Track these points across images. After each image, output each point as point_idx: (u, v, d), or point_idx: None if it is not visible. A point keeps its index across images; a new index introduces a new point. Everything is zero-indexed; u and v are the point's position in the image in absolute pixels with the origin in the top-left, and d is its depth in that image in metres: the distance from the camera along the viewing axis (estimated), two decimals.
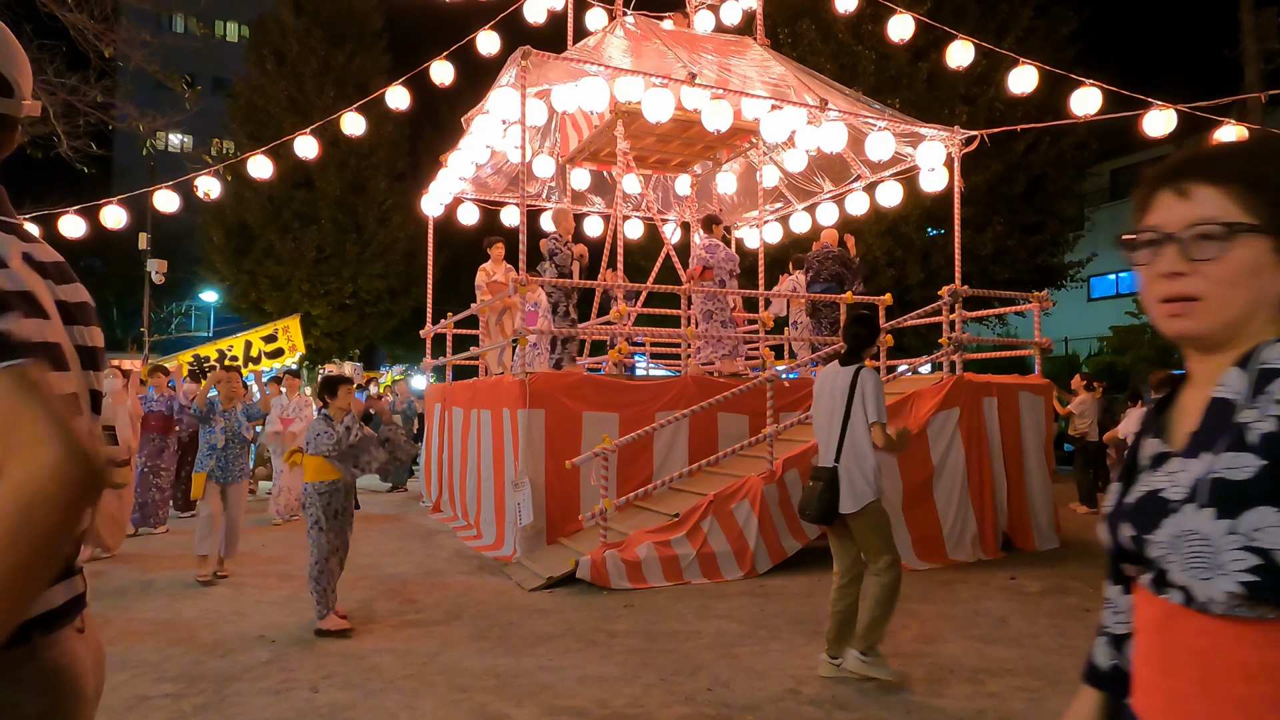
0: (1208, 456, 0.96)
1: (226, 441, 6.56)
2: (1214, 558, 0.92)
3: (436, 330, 11.33)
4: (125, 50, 10.26)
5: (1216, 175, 0.99)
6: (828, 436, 4.26)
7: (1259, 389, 0.95)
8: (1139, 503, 1.04)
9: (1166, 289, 1.02)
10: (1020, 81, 8.16)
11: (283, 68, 20.67)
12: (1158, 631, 1.02)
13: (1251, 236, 0.96)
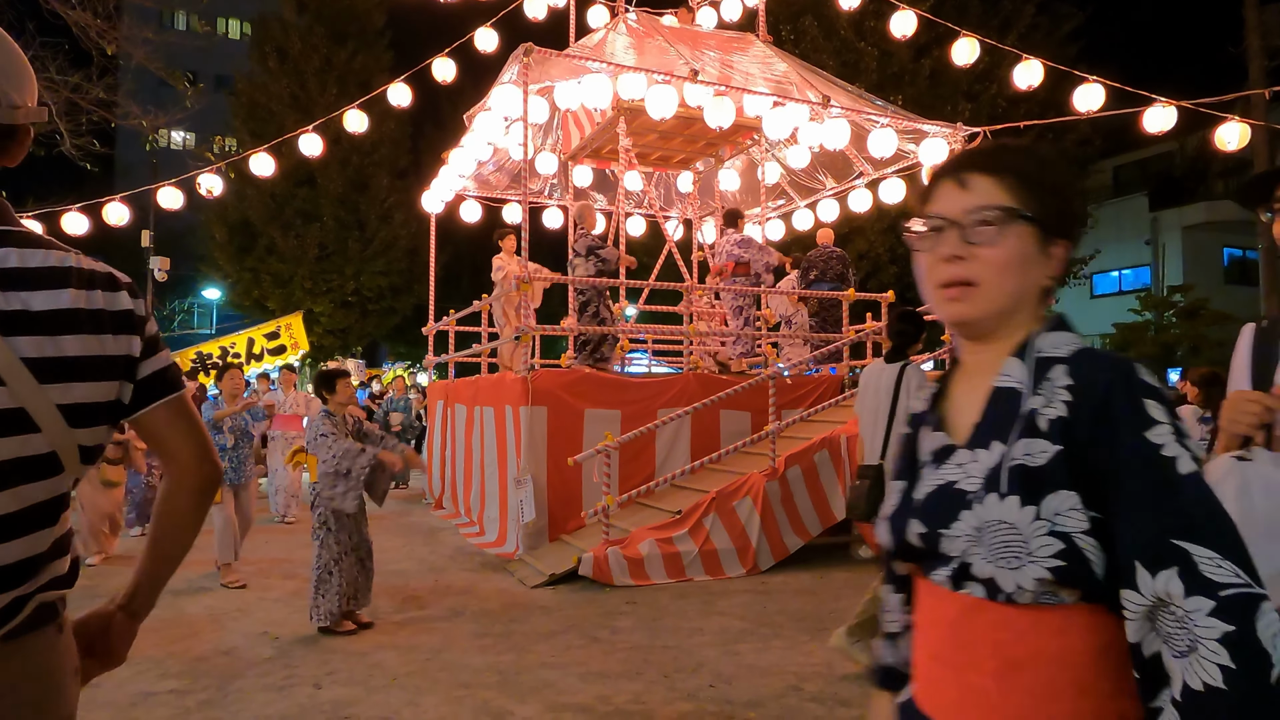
0: (999, 446, 0.98)
1: (236, 441, 6.45)
2: (1023, 545, 0.93)
3: (439, 327, 11.34)
4: (127, 48, 10.28)
5: (995, 168, 1.05)
6: (873, 434, 4.24)
7: (1040, 377, 1.00)
8: (930, 498, 1.03)
9: (946, 273, 1.05)
10: (1025, 76, 8.15)
11: (285, 65, 20.66)
12: (952, 627, 1.01)
13: (1023, 226, 1.02)
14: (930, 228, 1.07)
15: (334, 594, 4.95)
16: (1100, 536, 0.93)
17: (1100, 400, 0.94)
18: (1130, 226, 23.64)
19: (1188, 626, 0.85)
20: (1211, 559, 0.85)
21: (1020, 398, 1.00)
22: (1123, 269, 24.15)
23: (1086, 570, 0.92)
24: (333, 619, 4.93)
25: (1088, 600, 0.94)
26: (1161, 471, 0.90)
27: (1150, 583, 0.87)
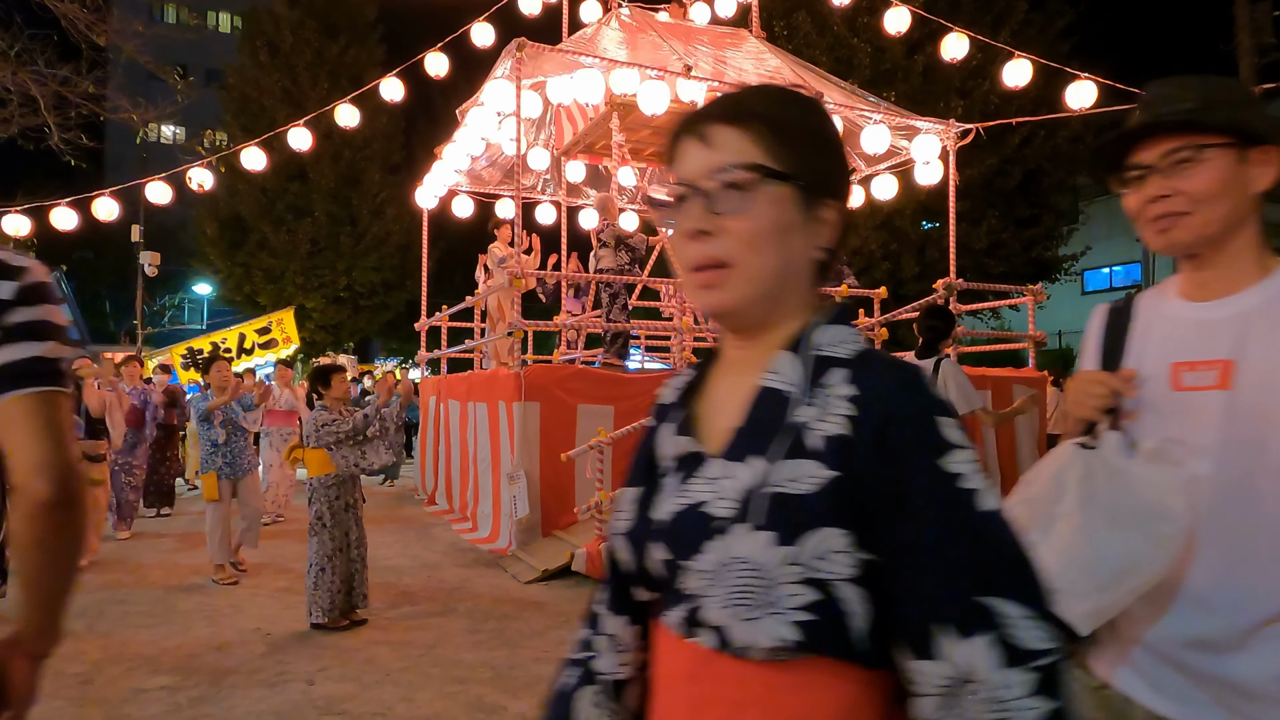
0: (759, 463, 0.79)
1: (229, 435, 6.32)
2: (765, 593, 0.75)
3: (431, 323, 11.31)
4: (117, 41, 10.20)
5: (739, 117, 0.85)
6: None
7: (815, 380, 0.81)
8: (677, 519, 0.83)
9: (694, 253, 0.85)
10: (1015, 75, 8.17)
11: (276, 59, 20.56)
12: (686, 683, 0.83)
13: (778, 186, 0.82)
14: (674, 197, 0.87)
15: (328, 590, 4.94)
16: (871, 585, 0.75)
17: (884, 417, 0.76)
18: (1121, 223, 23.71)
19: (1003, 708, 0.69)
20: (1025, 618, 0.71)
21: (789, 405, 0.81)
22: (1114, 265, 24.26)
23: (841, 629, 0.75)
24: (328, 615, 4.91)
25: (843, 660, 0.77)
26: (960, 509, 0.73)
27: (955, 652, 0.71)
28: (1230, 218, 1.20)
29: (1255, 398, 1.15)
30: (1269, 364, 1.16)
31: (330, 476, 5.03)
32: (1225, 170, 1.18)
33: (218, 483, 6.17)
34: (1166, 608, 1.21)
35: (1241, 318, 1.19)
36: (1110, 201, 24.08)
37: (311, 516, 5.05)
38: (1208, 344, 1.21)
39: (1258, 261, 1.22)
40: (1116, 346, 1.33)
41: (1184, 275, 1.30)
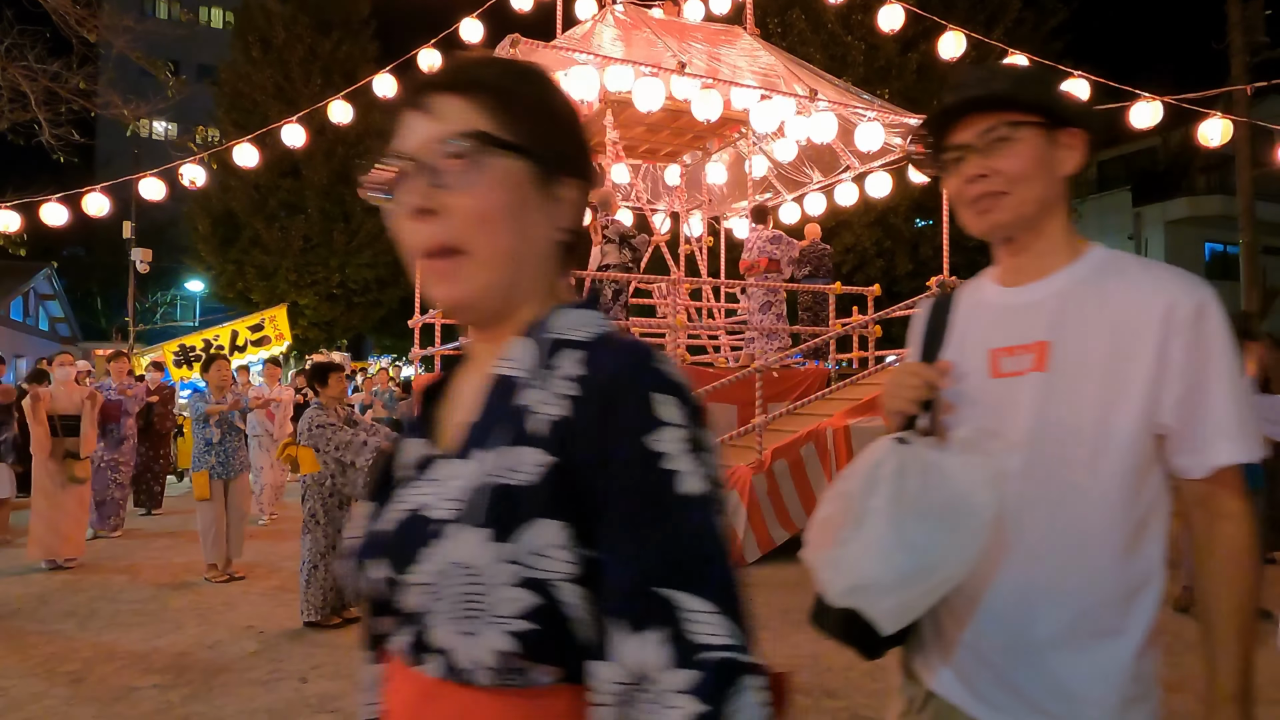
0: (482, 454, 0.71)
1: (223, 434, 6.25)
2: (483, 600, 0.67)
3: (425, 320, 11.28)
4: (108, 36, 10.14)
5: (464, 85, 0.79)
6: None
7: (547, 364, 0.74)
8: (399, 528, 0.74)
9: (424, 238, 0.77)
10: None
11: (268, 55, 20.46)
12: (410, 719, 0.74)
13: (509, 159, 0.76)
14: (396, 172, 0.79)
15: (320, 588, 4.92)
16: (594, 585, 0.68)
17: (605, 396, 0.69)
18: (1114, 221, 23.83)
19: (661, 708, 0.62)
20: (704, 612, 0.63)
21: (517, 390, 0.73)
22: None
23: (566, 636, 0.68)
24: (320, 613, 4.90)
25: (575, 680, 0.69)
26: (656, 490, 0.66)
27: (626, 650, 0.63)
28: (1044, 199, 1.20)
29: (1069, 382, 1.14)
30: (1082, 346, 1.15)
31: (323, 474, 5.01)
32: (1037, 149, 1.18)
33: (209, 481, 6.09)
34: (982, 607, 1.17)
35: (1056, 299, 1.19)
36: (1101, 200, 24.21)
37: (305, 514, 5.03)
38: (1024, 328, 1.20)
39: (1069, 244, 1.23)
40: (936, 338, 1.31)
41: (1000, 261, 1.29)
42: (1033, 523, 1.14)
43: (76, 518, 6.83)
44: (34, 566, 6.45)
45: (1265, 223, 18.33)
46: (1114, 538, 1.13)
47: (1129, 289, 1.16)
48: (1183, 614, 5.28)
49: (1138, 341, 1.12)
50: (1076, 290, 1.19)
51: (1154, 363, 1.11)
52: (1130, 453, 1.12)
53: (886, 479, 1.11)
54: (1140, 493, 1.14)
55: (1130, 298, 1.15)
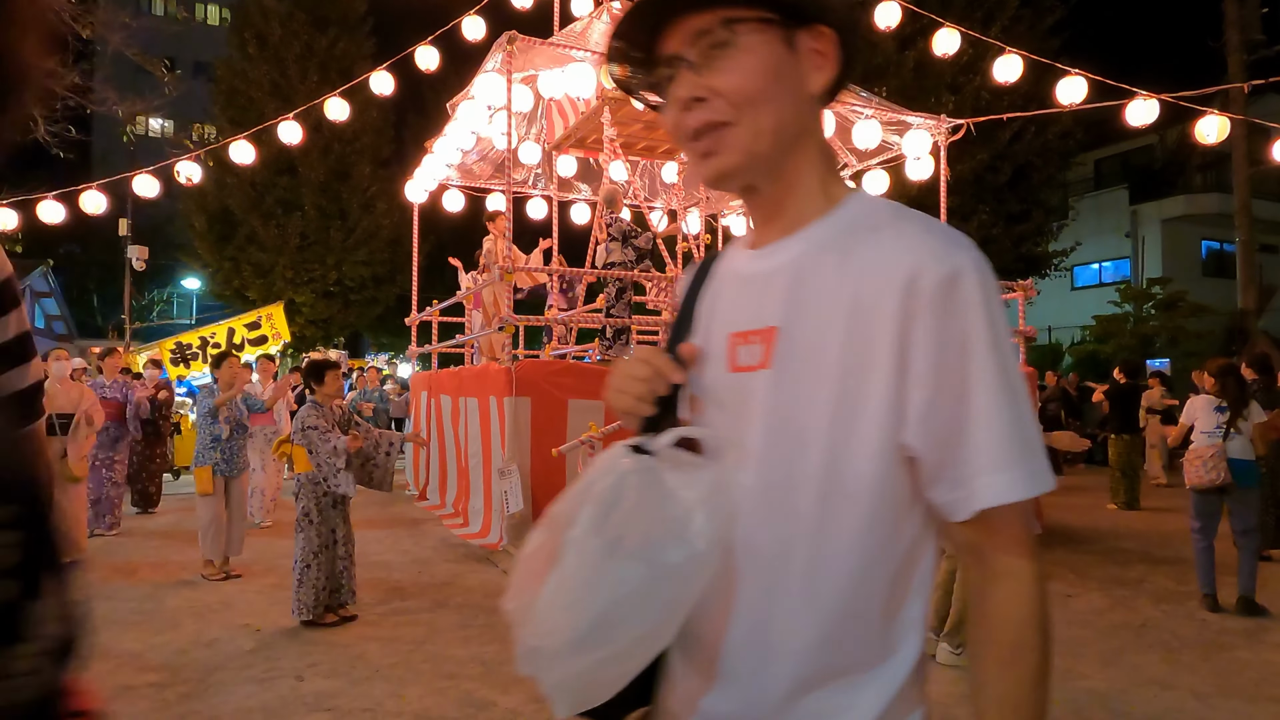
0: None
1: (231, 432, 6.22)
2: None
3: (422, 318, 11.28)
4: (104, 33, 10.12)
5: None
6: None
7: None
8: None
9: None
10: (1006, 70, 8.18)
11: (265, 52, 20.39)
12: None
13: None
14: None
15: (313, 587, 4.91)
16: None
17: None
18: (1111, 219, 23.85)
19: None
20: None
21: None
22: (1103, 261, 24.38)
23: None
24: (312, 611, 4.89)
25: None
26: None
27: None
28: (785, 130, 0.88)
29: (796, 383, 0.86)
30: (814, 333, 0.86)
31: (315, 473, 4.99)
32: (769, 59, 0.86)
33: (212, 478, 6.08)
34: (718, 663, 0.90)
35: (791, 269, 0.89)
36: (1100, 197, 24.23)
37: (298, 512, 5.01)
38: (757, 307, 0.91)
39: (822, 192, 0.92)
40: (686, 316, 1.02)
41: (750, 216, 0.99)
42: (766, 560, 0.87)
43: (75, 516, 6.78)
44: None
45: (1262, 220, 18.37)
46: (856, 588, 0.85)
47: (874, 252, 0.85)
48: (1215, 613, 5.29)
49: (873, 327, 0.83)
50: (814, 257, 0.88)
51: (891, 358, 0.82)
52: (874, 481, 0.84)
53: (595, 500, 0.84)
54: (896, 535, 0.86)
55: (873, 264, 0.84)
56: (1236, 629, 4.92)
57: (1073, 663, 4.29)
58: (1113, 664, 4.29)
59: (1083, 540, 7.77)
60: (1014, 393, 0.81)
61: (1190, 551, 5.61)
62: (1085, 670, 4.18)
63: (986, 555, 0.85)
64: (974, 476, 0.81)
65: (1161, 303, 18.93)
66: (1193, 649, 4.55)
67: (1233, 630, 4.90)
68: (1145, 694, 3.88)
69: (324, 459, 4.85)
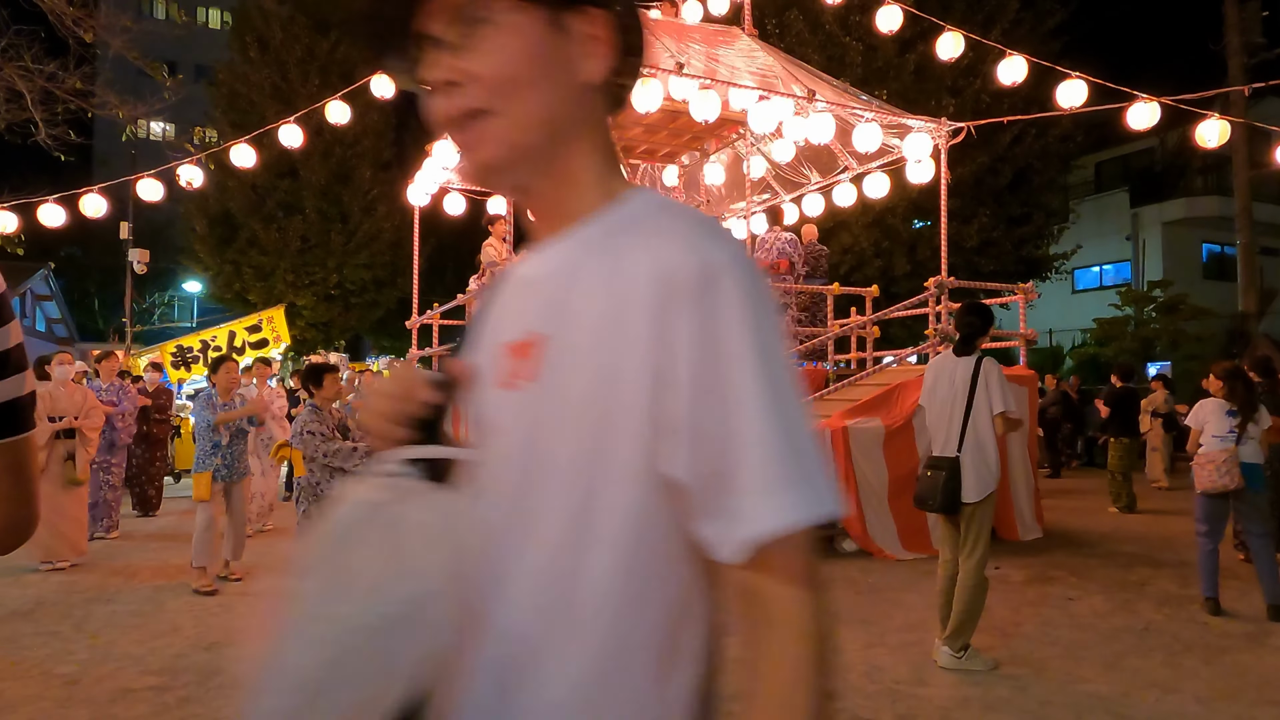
0: None
1: (231, 437, 6.06)
2: None
3: (423, 321, 11.28)
4: (105, 37, 10.12)
5: None
6: (947, 426, 4.29)
7: None
8: None
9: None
10: (1009, 72, 8.18)
11: (266, 55, 20.44)
12: None
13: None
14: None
15: None
16: None
17: None
18: (1111, 222, 23.86)
19: None
20: None
21: None
22: (1104, 264, 24.39)
23: None
24: None
25: None
26: None
27: None
28: (555, 121, 0.80)
29: (557, 394, 0.76)
30: (580, 339, 0.76)
31: (312, 478, 4.96)
32: (531, 40, 0.77)
33: (212, 483, 5.93)
34: None
35: (565, 270, 0.79)
36: (1101, 200, 24.24)
37: (300, 516, 5.00)
38: (529, 314, 0.81)
39: (601, 187, 0.83)
40: (476, 328, 0.91)
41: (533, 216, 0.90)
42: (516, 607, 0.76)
43: (76, 519, 6.79)
44: (29, 568, 6.42)
45: (1262, 223, 18.37)
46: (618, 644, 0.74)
47: (636, 250, 0.75)
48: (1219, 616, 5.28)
49: (630, 333, 0.73)
50: (584, 258, 0.78)
51: (647, 367, 0.72)
52: (632, 513, 0.73)
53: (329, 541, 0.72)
54: (662, 581, 0.75)
55: (633, 263, 0.74)
56: (1238, 633, 4.91)
57: (1074, 666, 4.28)
58: (1114, 668, 4.28)
59: (1083, 543, 7.75)
60: (785, 404, 0.70)
61: (1192, 555, 5.61)
62: (1087, 674, 4.17)
63: (758, 597, 0.71)
64: (741, 502, 0.69)
65: (1162, 306, 18.93)
66: (1195, 653, 4.54)
67: (1235, 634, 4.89)
68: (1147, 698, 3.87)
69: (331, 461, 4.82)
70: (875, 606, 5.45)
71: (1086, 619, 5.17)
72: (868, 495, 7.08)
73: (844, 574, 6.36)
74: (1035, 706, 3.75)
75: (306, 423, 4.89)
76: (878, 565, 6.69)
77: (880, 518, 7.09)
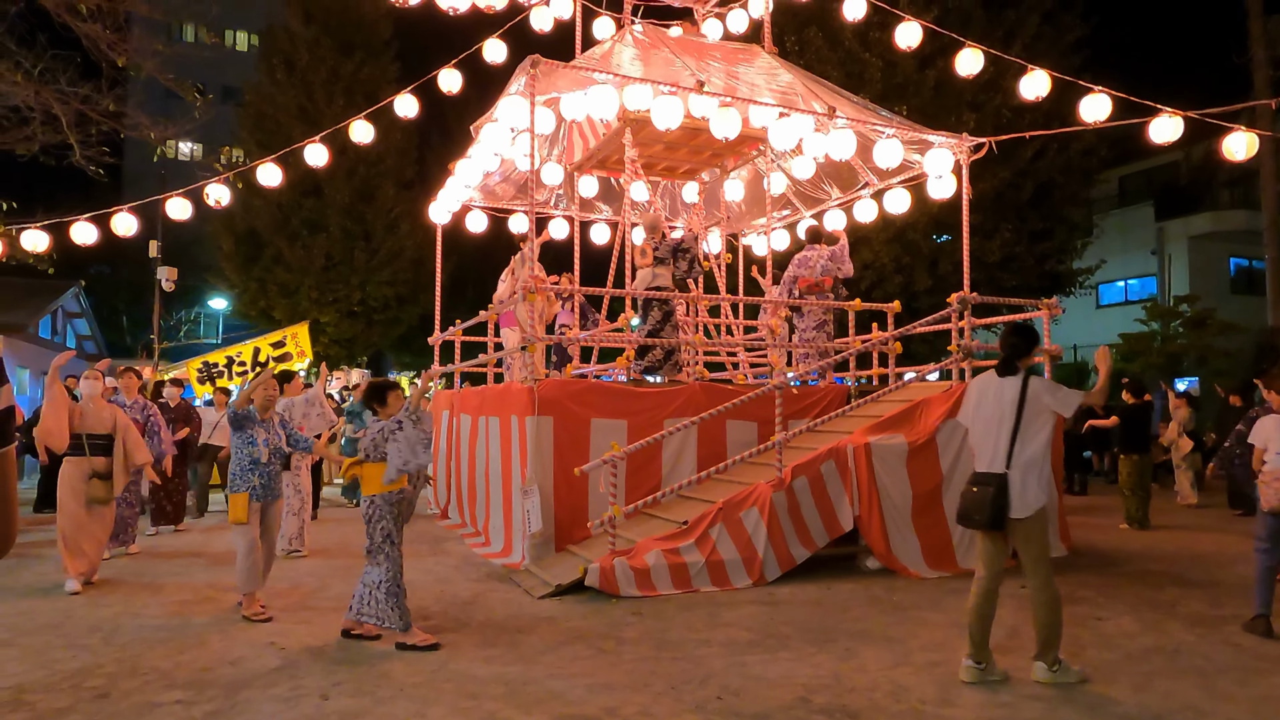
0: None
1: (269, 456, 5.70)
2: None
3: (445, 337, 11.35)
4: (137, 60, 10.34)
5: None
6: (994, 444, 4.31)
7: None
8: None
9: None
10: (1031, 87, 8.14)
11: (292, 76, 20.80)
12: None
13: None
14: None
15: (404, 598, 5.00)
16: None
17: None
18: (1136, 237, 23.60)
19: None
20: None
21: None
22: (1129, 279, 24.11)
23: None
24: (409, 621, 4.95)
25: None
26: None
27: None
28: None
29: None
30: None
31: (394, 494, 5.00)
32: None
33: (249, 504, 5.58)
34: None
35: None
36: (1125, 214, 24.00)
37: (378, 536, 4.97)
38: None
39: None
40: None
41: None
42: None
43: (97, 538, 6.71)
44: (58, 584, 6.48)
45: None
46: None
47: None
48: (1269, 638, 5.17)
49: None
50: None
51: None
52: None
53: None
54: None
55: None
56: (1274, 654, 4.81)
57: (1104, 687, 4.21)
58: (1145, 689, 4.20)
59: (1110, 562, 7.63)
60: None
61: (1224, 575, 5.51)
62: (1117, 695, 4.10)
63: None
64: None
65: (1190, 321, 18.67)
66: (1229, 675, 4.45)
67: (1270, 656, 4.78)
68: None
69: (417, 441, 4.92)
70: (900, 625, 5.40)
71: (1115, 639, 5.09)
72: (891, 513, 7.02)
73: (868, 592, 6.30)
74: None
75: (384, 430, 4.96)
76: (902, 583, 6.63)
77: (904, 535, 7.03)
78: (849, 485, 7.04)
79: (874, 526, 6.96)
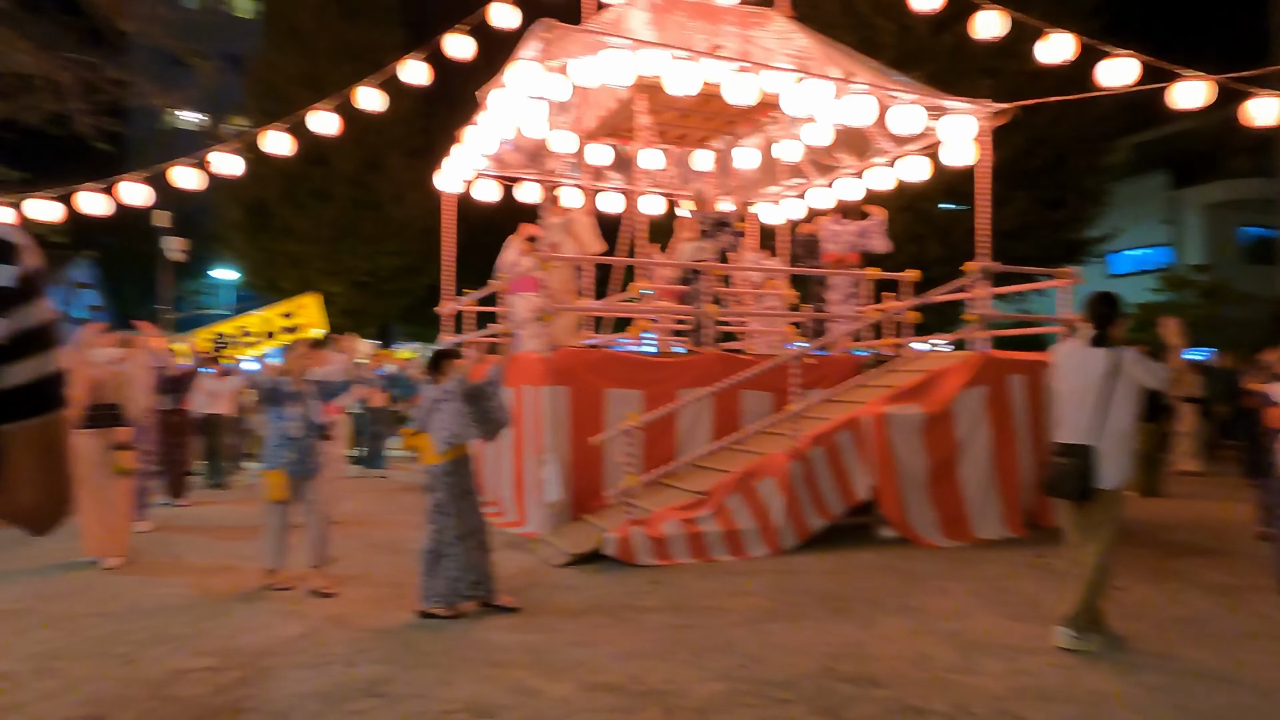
0: None
1: (304, 430, 5.47)
2: None
3: (455, 307, 11.31)
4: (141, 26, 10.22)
5: None
6: (1080, 416, 4.30)
7: None
8: None
9: None
10: (1052, 51, 7.98)
11: (297, 43, 20.55)
12: None
13: None
14: None
15: (445, 576, 4.85)
16: None
17: None
18: (1150, 205, 23.36)
19: None
20: None
21: None
22: (1141, 248, 23.92)
23: None
24: (447, 601, 4.83)
25: None
26: None
27: None
28: None
29: None
30: None
31: (450, 463, 4.95)
32: None
33: (286, 480, 5.39)
34: None
35: None
36: (1138, 183, 23.74)
37: (430, 504, 4.96)
38: None
39: None
40: None
41: None
42: None
43: (124, 513, 6.54)
44: (78, 560, 6.35)
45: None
46: None
47: None
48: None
49: None
50: None
51: None
52: None
53: None
54: None
55: None
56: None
57: (1127, 656, 4.22)
58: (1169, 658, 4.20)
59: (1130, 532, 7.60)
60: None
61: (1240, 544, 5.49)
62: (1140, 664, 4.11)
63: None
64: None
65: (1204, 290, 18.55)
66: (1252, 643, 4.45)
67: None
68: (1204, 688, 3.79)
69: None
70: (918, 594, 5.40)
71: (1137, 609, 5.09)
72: (907, 482, 7.01)
73: (884, 561, 6.31)
74: (1090, 697, 3.70)
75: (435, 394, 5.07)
76: (919, 553, 6.63)
77: (920, 505, 7.03)
78: (865, 454, 7.03)
79: (890, 496, 6.96)
